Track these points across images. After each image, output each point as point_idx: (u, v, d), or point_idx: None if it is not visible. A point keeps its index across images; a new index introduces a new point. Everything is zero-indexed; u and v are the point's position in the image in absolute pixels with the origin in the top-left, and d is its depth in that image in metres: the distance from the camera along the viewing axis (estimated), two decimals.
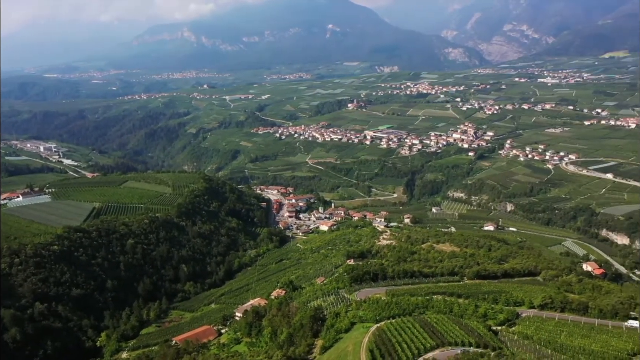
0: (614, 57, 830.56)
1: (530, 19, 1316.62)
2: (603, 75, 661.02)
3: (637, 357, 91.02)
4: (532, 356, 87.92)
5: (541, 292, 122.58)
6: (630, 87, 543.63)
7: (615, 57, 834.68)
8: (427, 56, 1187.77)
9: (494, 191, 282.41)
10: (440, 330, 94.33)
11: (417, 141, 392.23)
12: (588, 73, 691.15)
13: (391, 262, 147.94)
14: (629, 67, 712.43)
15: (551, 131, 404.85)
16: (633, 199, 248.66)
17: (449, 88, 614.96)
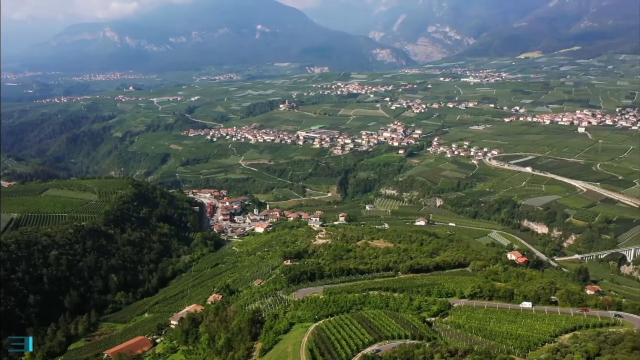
0: (529, 58, 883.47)
1: (453, 21, 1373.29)
2: (520, 75, 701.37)
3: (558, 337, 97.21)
4: (464, 344, 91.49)
5: (471, 282, 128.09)
6: (544, 85, 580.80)
7: (530, 57, 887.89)
8: (356, 57, 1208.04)
9: (424, 187, 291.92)
10: (377, 325, 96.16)
11: (349, 140, 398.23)
12: (506, 73, 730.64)
13: (328, 261, 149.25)
14: (542, 67, 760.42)
15: (475, 128, 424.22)
16: (550, 190, 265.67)
17: (378, 88, 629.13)
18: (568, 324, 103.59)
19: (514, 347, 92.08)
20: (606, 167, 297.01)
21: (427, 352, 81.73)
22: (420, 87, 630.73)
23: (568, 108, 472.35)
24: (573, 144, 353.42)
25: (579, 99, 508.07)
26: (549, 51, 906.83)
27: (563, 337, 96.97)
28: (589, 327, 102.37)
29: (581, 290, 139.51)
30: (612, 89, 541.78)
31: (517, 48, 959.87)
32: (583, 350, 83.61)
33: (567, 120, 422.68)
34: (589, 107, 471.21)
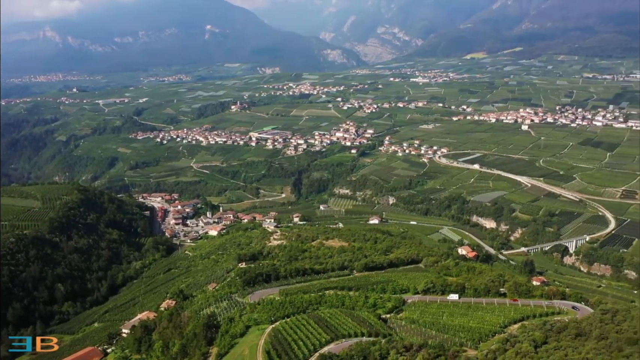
0: (475, 58, 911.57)
1: (401, 23, 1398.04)
2: (466, 75, 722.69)
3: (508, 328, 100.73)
4: (419, 339, 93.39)
5: (424, 278, 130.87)
6: (490, 85, 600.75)
7: (475, 58, 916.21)
8: (307, 57, 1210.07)
9: (377, 186, 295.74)
10: (333, 324, 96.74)
11: (302, 141, 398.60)
12: (454, 73, 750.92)
13: (283, 262, 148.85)
14: (487, 68, 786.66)
15: (425, 127, 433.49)
16: (497, 186, 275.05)
17: (330, 88, 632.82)
18: (516, 314, 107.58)
19: (466, 339, 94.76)
20: (548, 162, 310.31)
21: (383, 349, 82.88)
22: (371, 87, 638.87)
23: (512, 107, 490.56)
24: (517, 141, 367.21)
25: (522, 97, 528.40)
26: (493, 52, 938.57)
27: (512, 328, 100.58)
28: (536, 316, 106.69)
29: (528, 282, 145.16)
30: (552, 88, 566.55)
31: (463, 49, 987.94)
32: (531, 339, 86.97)
33: (511, 118, 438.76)
34: (531, 105, 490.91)
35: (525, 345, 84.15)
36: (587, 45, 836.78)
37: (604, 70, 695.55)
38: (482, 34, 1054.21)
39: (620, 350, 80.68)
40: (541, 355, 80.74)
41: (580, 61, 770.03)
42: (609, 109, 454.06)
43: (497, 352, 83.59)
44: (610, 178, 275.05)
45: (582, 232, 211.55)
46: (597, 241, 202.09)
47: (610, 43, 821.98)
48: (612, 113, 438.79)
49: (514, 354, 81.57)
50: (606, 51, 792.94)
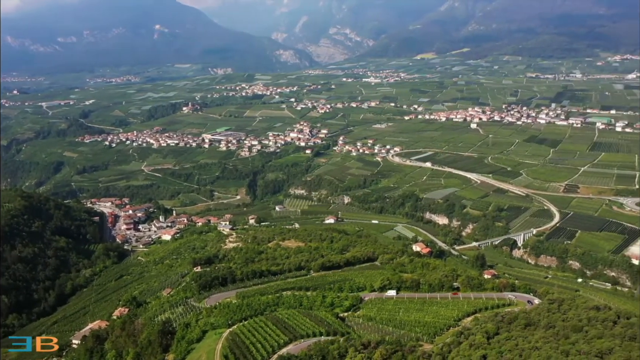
0: (424, 59, 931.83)
1: (352, 23, 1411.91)
2: (417, 75, 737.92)
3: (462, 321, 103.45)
4: (377, 335, 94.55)
5: (380, 276, 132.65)
6: (439, 85, 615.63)
7: (425, 58, 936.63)
8: (259, 58, 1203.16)
9: (332, 186, 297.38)
10: (292, 324, 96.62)
11: (256, 142, 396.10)
12: (404, 73, 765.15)
13: (239, 264, 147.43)
14: (437, 68, 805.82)
15: (377, 127, 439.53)
16: (449, 183, 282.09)
17: (283, 89, 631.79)
18: (469, 307, 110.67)
19: (422, 333, 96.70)
20: (496, 159, 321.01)
21: (341, 347, 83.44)
22: (324, 87, 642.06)
23: (461, 106, 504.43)
24: (467, 139, 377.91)
25: (470, 97, 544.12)
26: (442, 52, 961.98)
27: (466, 321, 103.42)
28: (488, 309, 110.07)
29: (479, 275, 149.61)
30: (498, 88, 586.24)
31: (413, 49, 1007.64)
32: (484, 331, 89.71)
33: (460, 117, 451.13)
34: (479, 104, 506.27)
35: (478, 337, 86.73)
36: (529, 46, 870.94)
37: (546, 70, 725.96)
38: (431, 35, 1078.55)
39: (567, 337, 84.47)
40: (493, 346, 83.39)
41: (523, 61, 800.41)
42: (552, 107, 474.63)
43: (451, 345, 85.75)
44: (554, 173, 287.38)
45: (529, 226, 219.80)
46: (543, 234, 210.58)
47: (551, 44, 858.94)
48: (555, 111, 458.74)
49: (468, 346, 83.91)
50: (547, 52, 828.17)
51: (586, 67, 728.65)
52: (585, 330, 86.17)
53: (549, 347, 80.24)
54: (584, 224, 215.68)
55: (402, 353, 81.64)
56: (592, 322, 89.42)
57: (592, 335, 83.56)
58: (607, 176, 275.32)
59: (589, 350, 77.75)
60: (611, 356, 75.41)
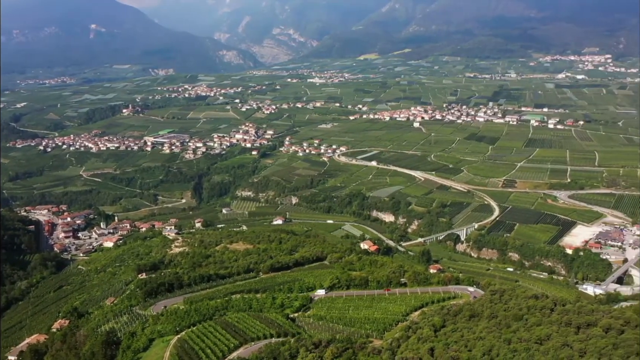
0: (368, 59, 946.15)
1: (296, 24, 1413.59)
2: (361, 75, 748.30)
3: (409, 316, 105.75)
4: (327, 334, 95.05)
5: (329, 275, 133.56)
6: (383, 85, 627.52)
7: (368, 59, 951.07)
8: (202, 58, 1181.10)
9: (279, 186, 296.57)
10: (242, 328, 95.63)
11: (201, 144, 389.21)
12: (348, 73, 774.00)
13: (186, 269, 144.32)
14: (379, 68, 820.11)
15: (323, 127, 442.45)
16: (394, 181, 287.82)
17: (227, 90, 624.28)
18: (417, 302, 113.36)
19: (372, 330, 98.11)
20: (439, 157, 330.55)
21: (292, 348, 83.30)
22: (269, 88, 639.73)
23: (404, 105, 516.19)
24: (410, 137, 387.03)
25: (412, 96, 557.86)
26: (384, 53, 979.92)
27: (413, 315, 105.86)
28: (434, 302, 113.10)
29: (426, 270, 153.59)
30: (439, 87, 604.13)
31: (357, 50, 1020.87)
32: (431, 324, 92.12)
33: (403, 116, 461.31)
34: (421, 103, 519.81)
35: (425, 331, 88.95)
36: (467, 47, 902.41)
37: (483, 70, 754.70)
38: (374, 36, 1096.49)
39: (509, 326, 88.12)
40: (440, 339, 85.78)
41: (462, 62, 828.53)
42: (489, 106, 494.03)
43: (400, 340, 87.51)
44: (493, 169, 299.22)
45: (471, 221, 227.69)
46: (485, 228, 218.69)
47: (487, 45, 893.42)
48: (492, 109, 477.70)
49: (416, 340, 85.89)
50: (484, 52, 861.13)
51: (520, 67, 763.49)
52: (525, 319, 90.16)
53: (492, 337, 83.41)
54: (522, 217, 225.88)
55: (352, 350, 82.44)
56: (531, 310, 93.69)
57: (531, 323, 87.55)
58: (542, 171, 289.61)
59: (529, 338, 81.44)
60: (549, 342, 79.28)
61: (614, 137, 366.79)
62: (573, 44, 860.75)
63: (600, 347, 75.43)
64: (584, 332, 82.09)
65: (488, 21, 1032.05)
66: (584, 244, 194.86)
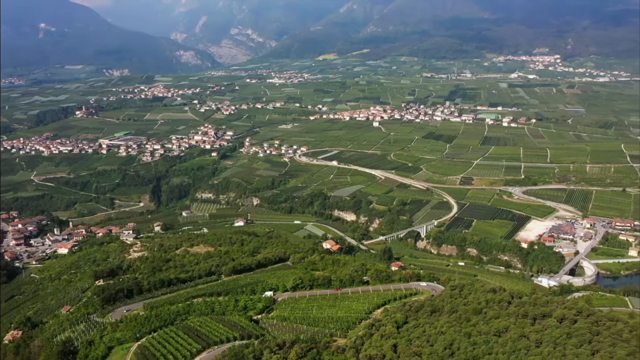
0: (327, 59, 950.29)
1: (254, 24, 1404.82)
2: (320, 75, 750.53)
3: (372, 313, 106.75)
4: (291, 335, 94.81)
5: (292, 275, 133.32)
6: (342, 85, 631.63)
7: (327, 59, 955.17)
8: (158, 59, 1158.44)
9: (240, 188, 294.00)
10: (204, 332, 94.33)
11: (159, 146, 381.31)
12: (308, 73, 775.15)
13: (146, 274, 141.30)
14: (339, 68, 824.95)
15: (284, 127, 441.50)
16: (355, 180, 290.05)
17: (185, 90, 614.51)
18: (379, 299, 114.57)
19: (336, 329, 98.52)
20: (398, 156, 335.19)
21: (256, 350, 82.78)
22: (228, 88, 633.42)
23: (363, 105, 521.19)
24: (370, 137, 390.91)
25: (371, 96, 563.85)
26: (343, 53, 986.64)
27: (376, 313, 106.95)
28: (396, 299, 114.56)
29: (387, 268, 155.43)
30: (397, 87, 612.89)
31: (316, 50, 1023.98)
32: (393, 321, 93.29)
33: (363, 116, 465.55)
34: (380, 103, 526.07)
35: (388, 328, 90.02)
36: (424, 47, 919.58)
37: (440, 70, 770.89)
38: (332, 36, 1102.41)
39: (469, 320, 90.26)
40: (403, 335, 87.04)
41: (419, 62, 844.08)
42: (446, 105, 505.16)
43: (364, 338, 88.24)
44: (451, 167, 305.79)
45: (431, 218, 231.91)
46: (444, 225, 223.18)
47: (443, 45, 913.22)
48: (449, 108, 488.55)
49: (379, 337, 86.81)
50: (440, 53, 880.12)
51: (475, 67, 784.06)
52: (484, 312, 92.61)
53: (453, 331, 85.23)
54: (479, 213, 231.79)
55: (317, 350, 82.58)
56: (489, 304, 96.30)
57: (490, 316, 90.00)
58: (497, 168, 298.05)
59: (488, 330, 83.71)
60: (507, 334, 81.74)
61: (564, 134, 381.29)
62: (524, 45, 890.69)
63: (555, 337, 78.32)
64: (540, 323, 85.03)
65: (443, 22, 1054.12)
66: (538, 238, 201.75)
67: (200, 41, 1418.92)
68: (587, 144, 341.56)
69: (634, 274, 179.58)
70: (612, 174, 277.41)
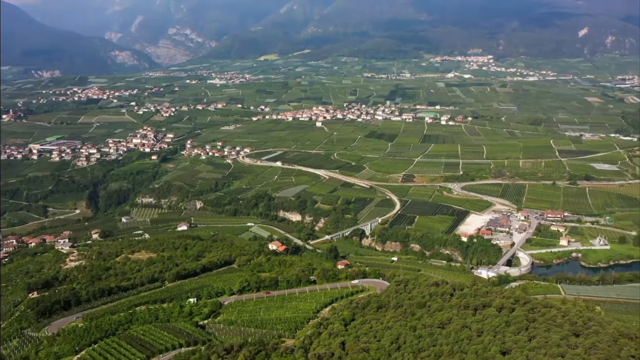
0: (268, 60, 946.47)
1: (193, 24, 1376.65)
2: (262, 76, 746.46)
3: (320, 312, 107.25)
4: (239, 338, 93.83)
5: (238, 278, 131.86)
6: (284, 85, 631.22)
7: (269, 59, 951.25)
8: (92, 59, 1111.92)
9: (182, 191, 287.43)
10: (148, 340, 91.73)
11: (95, 150, 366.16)
12: (249, 74, 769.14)
13: (84, 284, 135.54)
14: (280, 69, 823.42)
15: (226, 128, 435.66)
16: (299, 180, 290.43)
17: (122, 92, 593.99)
18: (326, 298, 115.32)
19: (284, 330, 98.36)
20: (342, 155, 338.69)
21: (203, 356, 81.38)
22: (167, 90, 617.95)
23: (306, 105, 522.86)
24: (313, 137, 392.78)
25: (314, 96, 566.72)
26: (284, 54, 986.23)
27: (324, 311, 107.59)
28: (343, 297, 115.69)
29: (334, 267, 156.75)
30: (339, 87, 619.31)
31: (257, 51, 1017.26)
32: (341, 319, 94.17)
33: (306, 116, 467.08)
34: (322, 103, 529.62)
35: (336, 326, 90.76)
36: (364, 48, 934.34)
37: (380, 70, 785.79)
38: (273, 37, 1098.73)
39: (414, 314, 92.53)
40: (351, 332, 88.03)
41: (360, 62, 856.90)
42: (387, 104, 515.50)
43: (312, 337, 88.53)
44: (393, 165, 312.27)
45: (375, 215, 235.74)
46: (387, 222, 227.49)
47: (382, 46, 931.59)
48: (390, 108, 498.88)
49: (328, 335, 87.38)
50: (380, 53, 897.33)
51: (413, 67, 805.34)
52: (428, 306, 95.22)
53: (399, 325, 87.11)
54: (421, 210, 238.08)
55: (265, 352, 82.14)
56: (433, 297, 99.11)
57: (434, 309, 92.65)
58: (437, 165, 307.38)
59: (433, 323, 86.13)
60: (451, 325, 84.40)
61: (498, 131, 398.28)
62: (459, 46, 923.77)
63: (495, 326, 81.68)
64: (481, 313, 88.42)
65: (382, 23, 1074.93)
66: (476, 232, 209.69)
67: (137, 41, 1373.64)
68: (520, 140, 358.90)
69: (565, 262, 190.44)
70: (542, 168, 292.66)
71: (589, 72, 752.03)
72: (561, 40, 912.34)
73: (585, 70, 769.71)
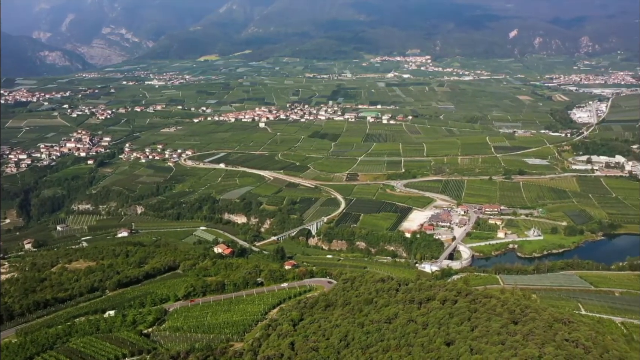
0: (208, 60, 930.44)
1: (128, 23, 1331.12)
2: (202, 77, 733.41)
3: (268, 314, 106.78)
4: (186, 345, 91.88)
5: (183, 283, 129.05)
6: (225, 86, 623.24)
7: (209, 60, 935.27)
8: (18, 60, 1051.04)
9: (122, 196, 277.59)
10: (89, 353, 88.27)
11: (25, 155, 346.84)
12: (189, 75, 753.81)
13: (17, 297, 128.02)
14: (221, 69, 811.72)
15: (166, 130, 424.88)
16: (243, 182, 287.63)
17: (53, 94, 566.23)
18: (274, 299, 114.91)
19: (232, 333, 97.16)
20: (286, 155, 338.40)
21: None
22: (103, 91, 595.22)
23: (248, 106, 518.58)
24: (257, 138, 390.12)
25: (256, 97, 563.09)
26: (225, 54, 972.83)
27: (272, 313, 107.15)
28: (291, 298, 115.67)
29: (281, 267, 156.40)
30: (281, 88, 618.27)
31: (196, 51, 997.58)
32: (289, 319, 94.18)
33: (249, 117, 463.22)
34: (265, 104, 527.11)
35: (285, 326, 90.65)
36: (306, 48, 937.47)
37: (321, 70, 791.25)
38: (213, 37, 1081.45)
39: (361, 310, 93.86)
40: (299, 332, 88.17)
41: (301, 63, 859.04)
42: (329, 104, 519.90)
43: (261, 339, 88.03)
44: (337, 164, 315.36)
45: (321, 215, 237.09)
46: (333, 221, 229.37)
47: (323, 46, 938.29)
48: (332, 108, 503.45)
49: (277, 337, 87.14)
50: (321, 54, 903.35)
51: (354, 68, 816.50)
52: (375, 302, 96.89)
53: (347, 322, 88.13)
54: (366, 208, 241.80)
55: (213, 357, 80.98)
56: (379, 293, 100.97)
57: (380, 304, 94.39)
58: (380, 163, 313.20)
59: (380, 318, 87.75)
60: (397, 320, 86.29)
61: (437, 129, 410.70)
62: (398, 46, 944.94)
63: (439, 318, 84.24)
64: (425, 307, 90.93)
65: (323, 24, 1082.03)
66: (419, 227, 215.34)
67: (68, 41, 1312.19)
68: (458, 138, 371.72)
69: (503, 253, 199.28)
70: (480, 164, 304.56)
71: (520, 72, 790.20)
72: (493, 42, 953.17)
73: (516, 70, 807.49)
